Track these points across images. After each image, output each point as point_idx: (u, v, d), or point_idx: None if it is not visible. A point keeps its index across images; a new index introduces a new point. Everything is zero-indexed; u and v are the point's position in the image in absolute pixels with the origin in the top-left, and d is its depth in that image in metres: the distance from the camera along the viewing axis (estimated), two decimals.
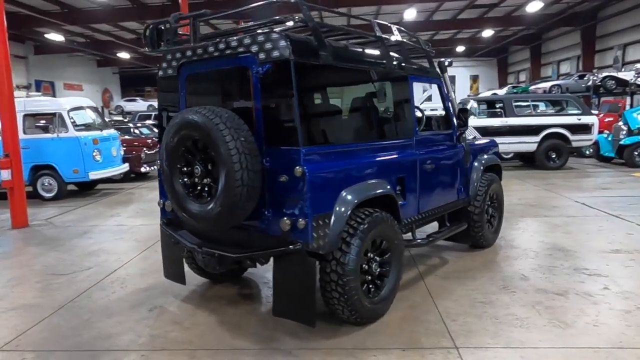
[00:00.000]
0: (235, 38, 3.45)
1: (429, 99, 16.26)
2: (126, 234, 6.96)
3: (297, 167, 3.17)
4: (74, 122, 9.89)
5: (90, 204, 9.59)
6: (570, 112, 12.81)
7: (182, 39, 3.62)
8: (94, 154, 9.95)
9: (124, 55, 30.97)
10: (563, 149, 12.55)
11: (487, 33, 27.71)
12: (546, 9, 22.76)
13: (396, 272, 3.91)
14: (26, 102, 10.02)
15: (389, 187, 3.82)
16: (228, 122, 3.18)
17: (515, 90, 22.57)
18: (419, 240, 4.45)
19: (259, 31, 3.49)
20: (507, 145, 12.13)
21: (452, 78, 38.46)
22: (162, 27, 3.54)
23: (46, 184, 9.97)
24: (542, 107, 14.40)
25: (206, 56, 3.64)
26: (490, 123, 12.38)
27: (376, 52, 4.14)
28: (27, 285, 4.97)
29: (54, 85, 30.53)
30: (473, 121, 12.21)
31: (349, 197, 3.43)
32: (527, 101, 13.85)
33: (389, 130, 4.23)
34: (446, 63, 4.91)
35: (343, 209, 3.38)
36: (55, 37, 25.39)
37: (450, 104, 4.96)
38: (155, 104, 34.52)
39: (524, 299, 4.12)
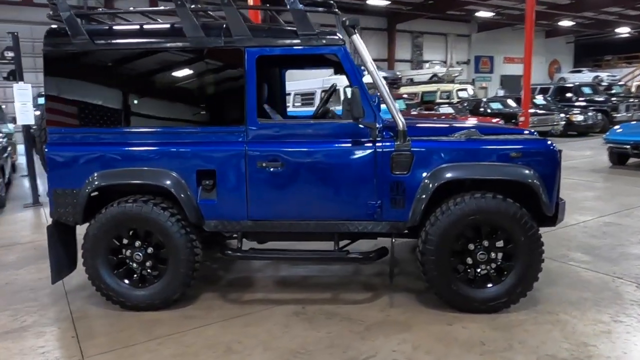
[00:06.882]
0: None
1: None
2: None
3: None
4: None
5: None
6: None
7: None
8: None
9: (565, 23, 29.02)
10: None
11: None
12: None
13: (174, 270, 3.56)
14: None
15: (167, 179, 3.49)
16: None
17: None
18: (247, 253, 3.68)
19: None
20: None
21: None
22: None
23: None
24: None
25: None
26: None
27: (161, 27, 3.72)
28: None
29: (492, 60, 32.23)
30: None
31: (93, 180, 3.53)
32: None
33: (185, 116, 3.54)
34: (358, 23, 3.30)
35: (81, 190, 3.55)
36: (484, 14, 26.89)
37: (362, 83, 3.40)
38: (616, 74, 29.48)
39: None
